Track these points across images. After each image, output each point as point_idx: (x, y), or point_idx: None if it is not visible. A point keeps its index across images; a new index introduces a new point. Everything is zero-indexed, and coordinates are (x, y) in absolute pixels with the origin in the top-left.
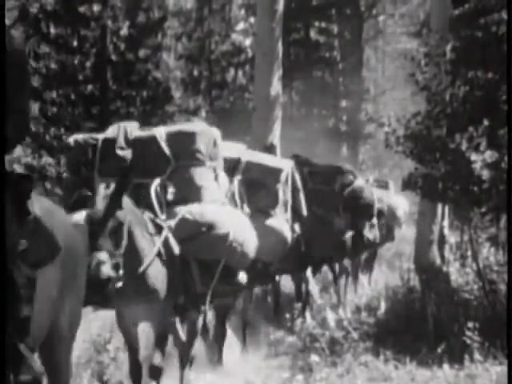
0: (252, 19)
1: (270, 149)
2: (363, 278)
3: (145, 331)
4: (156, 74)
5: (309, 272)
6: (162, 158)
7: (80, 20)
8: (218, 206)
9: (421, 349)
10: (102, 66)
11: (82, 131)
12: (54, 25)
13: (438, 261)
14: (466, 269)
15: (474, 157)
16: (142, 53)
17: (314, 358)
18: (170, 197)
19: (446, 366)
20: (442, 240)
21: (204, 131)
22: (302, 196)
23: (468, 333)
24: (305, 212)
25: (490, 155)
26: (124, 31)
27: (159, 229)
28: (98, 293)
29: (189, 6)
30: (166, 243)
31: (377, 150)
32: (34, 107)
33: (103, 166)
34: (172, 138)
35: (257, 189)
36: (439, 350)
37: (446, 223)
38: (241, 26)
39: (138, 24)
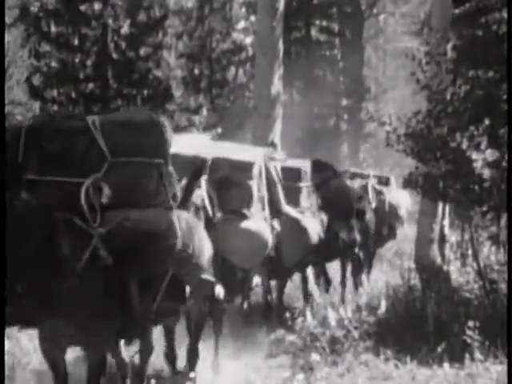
0: (253, 18)
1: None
2: (364, 277)
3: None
4: (157, 73)
5: (309, 271)
6: (95, 152)
7: (81, 18)
8: (163, 211)
9: (421, 348)
10: (103, 64)
11: None
12: (54, 23)
13: (439, 260)
14: (466, 268)
15: (474, 156)
16: (142, 51)
17: (315, 357)
18: (104, 200)
19: (446, 365)
20: (442, 239)
21: (148, 121)
22: (279, 189)
23: (468, 332)
24: (284, 207)
25: (490, 154)
26: (125, 30)
27: (89, 238)
28: None
29: (190, 4)
30: (94, 254)
31: (377, 148)
32: (35, 106)
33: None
34: (109, 127)
35: (227, 188)
36: (440, 349)
37: (446, 222)
38: (241, 24)
39: (139, 22)
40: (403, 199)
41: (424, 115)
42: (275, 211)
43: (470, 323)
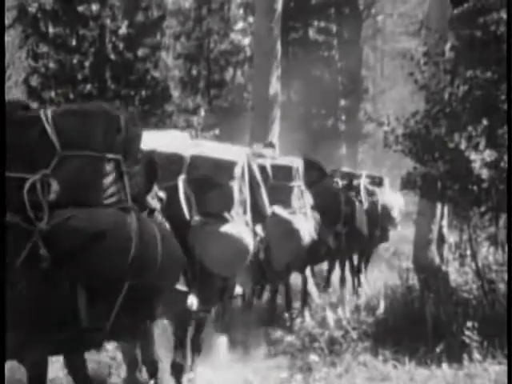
0: (251, 18)
1: (268, 148)
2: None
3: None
4: (155, 74)
5: (308, 272)
6: (45, 145)
7: (79, 19)
8: (116, 212)
9: (420, 348)
10: (101, 65)
11: None
12: (52, 24)
13: (437, 260)
14: (465, 268)
15: (473, 156)
16: (140, 52)
17: (313, 357)
18: (52, 197)
19: (444, 366)
20: (441, 239)
21: (102, 112)
22: (263, 192)
23: (467, 332)
24: (267, 211)
25: (489, 154)
26: (123, 30)
27: (28, 235)
28: None
29: (187, 5)
30: (33, 253)
31: (376, 149)
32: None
33: None
34: (61, 119)
35: (207, 189)
36: (438, 350)
37: (445, 223)
38: (239, 25)
39: (137, 23)
40: (396, 200)
41: (422, 115)
42: (259, 216)
43: (469, 323)
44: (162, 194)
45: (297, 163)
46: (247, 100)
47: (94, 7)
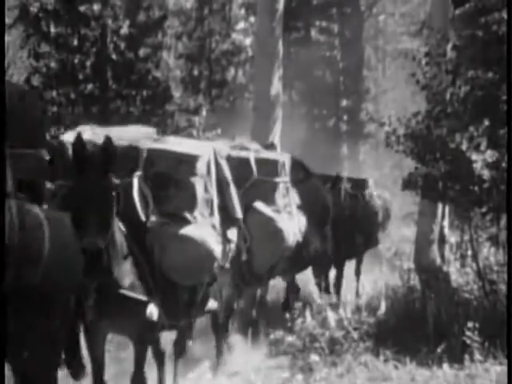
0: (252, 18)
1: (270, 148)
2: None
3: None
4: (156, 74)
5: (309, 272)
6: None
7: (80, 19)
8: None
9: (421, 349)
10: (102, 65)
11: None
12: (54, 24)
13: (438, 261)
14: (466, 269)
15: (474, 156)
16: (142, 52)
17: (314, 357)
18: None
19: (445, 366)
20: (442, 240)
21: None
22: (233, 191)
23: (468, 333)
24: (238, 213)
25: (490, 155)
26: (124, 30)
27: None
28: None
29: (189, 5)
30: None
31: (377, 149)
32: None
33: None
34: None
35: (165, 186)
36: (439, 350)
37: (446, 223)
38: (241, 25)
39: (139, 23)
40: (383, 203)
41: (424, 116)
42: (230, 219)
43: (470, 324)
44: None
45: (283, 157)
46: (248, 100)
47: (96, 7)
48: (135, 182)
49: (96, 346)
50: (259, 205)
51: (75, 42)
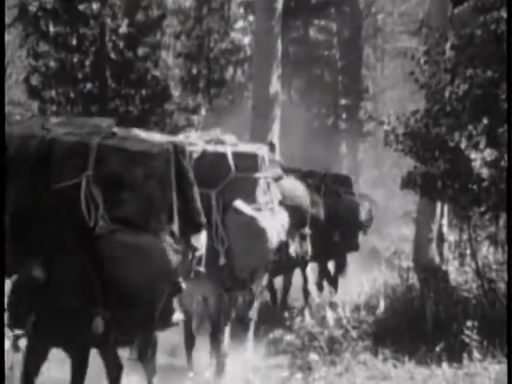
0: (251, 17)
1: (269, 147)
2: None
3: None
4: (155, 73)
5: (308, 271)
6: None
7: (79, 18)
8: None
9: (420, 347)
10: (101, 64)
11: None
12: (53, 23)
13: (437, 259)
14: (464, 267)
15: (473, 155)
16: (140, 51)
17: (313, 356)
18: None
19: (444, 365)
20: (441, 238)
21: None
22: (195, 194)
23: (467, 331)
24: (202, 219)
25: (489, 153)
26: (123, 29)
27: None
28: None
29: (188, 4)
30: None
31: (376, 148)
32: (34, 106)
33: None
34: None
35: (116, 187)
36: (438, 349)
37: (445, 222)
38: (240, 24)
39: (137, 22)
40: (367, 203)
41: (422, 114)
42: (192, 225)
43: (469, 323)
44: None
45: (262, 151)
46: (247, 99)
47: (95, 6)
48: (83, 182)
49: (33, 361)
50: (239, 203)
51: (74, 41)
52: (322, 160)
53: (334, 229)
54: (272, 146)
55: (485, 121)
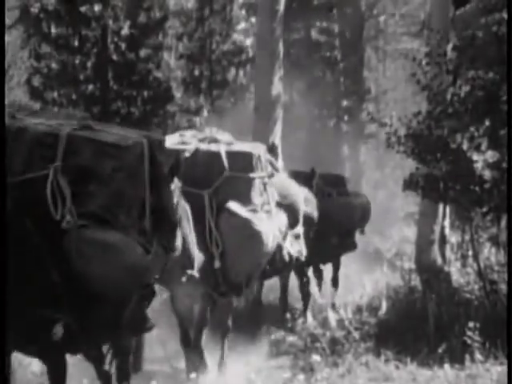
0: (253, 19)
1: (271, 149)
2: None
3: None
4: (157, 74)
5: (310, 272)
6: None
7: (81, 20)
8: None
9: (422, 349)
10: (103, 65)
11: None
12: (55, 25)
13: (439, 261)
14: (466, 269)
15: (475, 157)
16: (142, 52)
17: (315, 357)
18: None
19: (446, 366)
20: (442, 240)
21: None
22: (170, 193)
23: (469, 333)
24: (177, 219)
25: (491, 155)
26: (125, 31)
27: None
28: None
29: (190, 5)
30: None
31: (378, 149)
32: (36, 107)
33: None
34: None
35: (85, 181)
36: (440, 350)
37: (447, 223)
38: (242, 25)
39: (139, 24)
40: (362, 203)
41: (424, 116)
42: (166, 223)
43: (471, 324)
44: None
45: (258, 150)
46: (249, 100)
47: (97, 8)
48: (50, 174)
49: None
50: (233, 205)
51: (76, 43)
52: (324, 161)
53: (327, 230)
54: (274, 147)
55: (487, 122)
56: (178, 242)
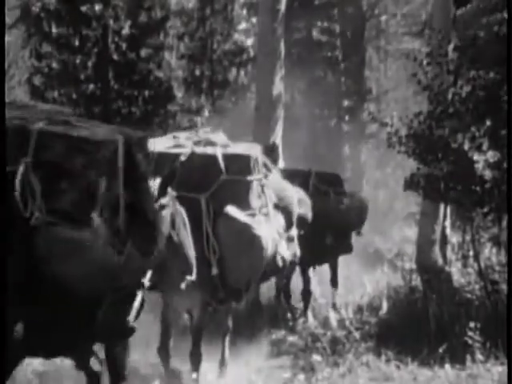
0: (254, 19)
1: (272, 148)
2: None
3: None
4: (158, 74)
5: (311, 272)
6: None
7: (82, 19)
8: None
9: (422, 349)
10: (104, 65)
11: None
12: (55, 24)
13: (440, 261)
14: (467, 269)
15: (476, 157)
16: (143, 52)
17: (316, 357)
18: None
19: (447, 366)
20: (443, 240)
21: None
22: (149, 191)
23: (470, 333)
24: (156, 218)
25: (492, 155)
26: (126, 31)
27: None
28: None
29: (191, 5)
30: None
31: (379, 149)
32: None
33: None
34: None
35: (55, 177)
36: (441, 350)
37: (447, 223)
38: (243, 25)
39: (140, 23)
40: (358, 203)
41: (425, 116)
42: (143, 224)
43: (471, 324)
44: None
45: (255, 151)
46: (250, 100)
47: (97, 7)
48: (20, 170)
49: None
50: (231, 209)
51: (77, 43)
52: (324, 161)
53: (323, 230)
54: (275, 147)
55: (488, 122)
56: (161, 246)
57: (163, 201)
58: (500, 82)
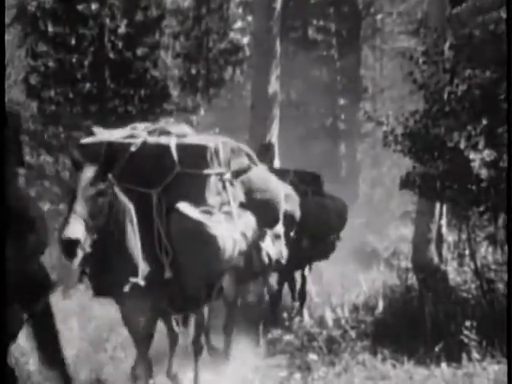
0: (250, 17)
1: (267, 147)
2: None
3: None
4: (154, 73)
5: (307, 271)
6: None
7: (78, 18)
8: None
9: (418, 348)
10: (100, 64)
11: (80, 130)
12: (52, 23)
13: (436, 260)
14: (463, 268)
15: (472, 155)
16: (139, 51)
17: (312, 356)
18: None
19: (443, 365)
20: (439, 239)
21: None
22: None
23: (466, 332)
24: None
25: (488, 154)
26: (122, 30)
27: None
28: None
29: (186, 4)
30: None
31: (375, 148)
32: (33, 106)
33: None
34: None
35: None
36: (437, 349)
37: (443, 222)
38: (238, 24)
39: (136, 22)
40: (336, 206)
41: (421, 115)
42: (74, 221)
43: (468, 323)
44: None
45: (214, 142)
46: (246, 99)
47: (94, 6)
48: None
49: None
50: (183, 206)
51: (73, 42)
52: (320, 160)
53: (299, 232)
54: (270, 146)
55: (484, 121)
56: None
57: (100, 187)
58: (496, 80)
